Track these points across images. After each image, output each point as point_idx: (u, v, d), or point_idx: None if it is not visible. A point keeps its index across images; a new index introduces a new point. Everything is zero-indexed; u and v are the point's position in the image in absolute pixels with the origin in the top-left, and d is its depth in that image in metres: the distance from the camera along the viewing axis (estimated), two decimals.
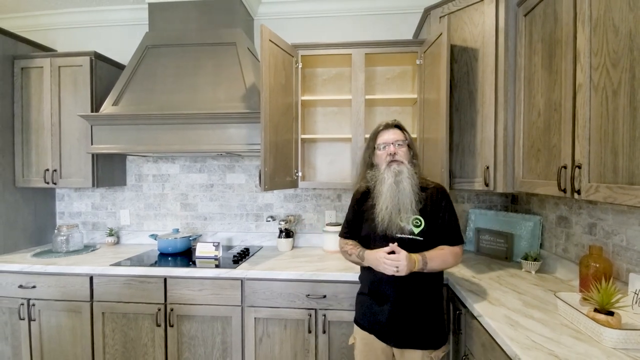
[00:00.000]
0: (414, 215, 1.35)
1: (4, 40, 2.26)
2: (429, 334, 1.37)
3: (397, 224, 1.35)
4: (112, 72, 2.43)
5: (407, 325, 1.36)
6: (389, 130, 1.45)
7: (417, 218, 1.36)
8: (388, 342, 1.40)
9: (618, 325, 1.06)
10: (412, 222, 1.36)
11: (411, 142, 1.47)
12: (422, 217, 1.37)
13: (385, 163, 1.41)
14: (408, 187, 1.35)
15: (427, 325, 1.38)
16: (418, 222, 1.36)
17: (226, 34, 2.22)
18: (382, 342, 1.41)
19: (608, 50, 1.07)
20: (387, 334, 1.39)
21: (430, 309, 1.39)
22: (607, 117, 1.08)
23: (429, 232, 1.36)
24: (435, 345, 1.38)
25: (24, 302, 2.01)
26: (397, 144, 1.42)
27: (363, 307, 1.48)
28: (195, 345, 1.93)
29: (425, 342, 1.37)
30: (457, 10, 1.85)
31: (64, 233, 2.33)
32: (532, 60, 1.54)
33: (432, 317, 1.39)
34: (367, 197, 1.48)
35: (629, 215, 1.35)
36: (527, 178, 1.58)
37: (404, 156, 1.41)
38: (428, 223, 1.37)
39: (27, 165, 2.33)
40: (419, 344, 1.36)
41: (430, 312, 1.39)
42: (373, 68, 2.37)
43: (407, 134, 1.46)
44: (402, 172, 1.37)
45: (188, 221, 2.61)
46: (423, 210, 1.37)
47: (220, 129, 2.02)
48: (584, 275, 1.41)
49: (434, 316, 1.40)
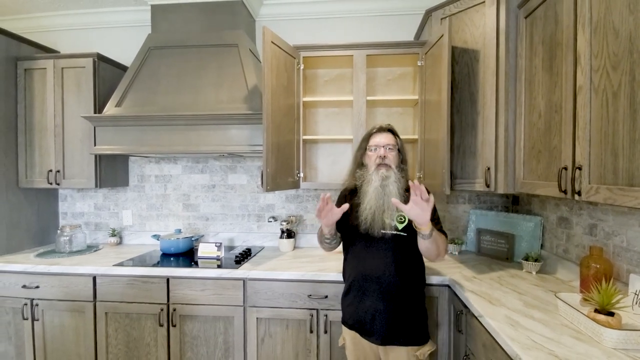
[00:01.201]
0: (397, 212, 1.39)
1: (8, 41, 2.27)
2: (410, 330, 1.40)
3: (380, 222, 1.40)
4: (115, 73, 2.44)
5: (389, 321, 1.38)
6: (382, 133, 1.50)
7: (401, 215, 1.39)
8: (371, 339, 1.41)
9: (618, 326, 1.07)
10: (397, 218, 1.40)
11: (402, 147, 1.51)
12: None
13: (374, 165, 1.45)
14: (394, 191, 1.39)
15: (409, 321, 1.40)
16: (402, 219, 1.40)
17: (228, 35, 2.23)
18: (367, 339, 1.43)
19: (608, 53, 1.08)
20: (370, 331, 1.41)
21: (411, 305, 1.42)
22: (607, 119, 1.09)
23: (412, 228, 1.37)
24: (417, 341, 1.41)
25: (27, 302, 2.02)
26: (388, 147, 1.46)
27: (348, 306, 1.50)
28: (198, 345, 1.94)
29: (407, 339, 1.39)
30: (458, 12, 1.86)
31: (67, 233, 2.35)
32: (532, 62, 1.55)
33: (414, 313, 1.42)
34: (354, 195, 1.52)
35: (629, 217, 1.35)
36: (527, 179, 1.59)
37: (392, 160, 1.45)
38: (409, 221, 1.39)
39: (31, 166, 2.35)
40: (402, 340, 1.39)
41: (412, 308, 1.42)
42: (374, 69, 2.38)
43: (398, 139, 1.51)
44: (389, 177, 1.42)
45: (190, 222, 2.62)
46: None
47: (222, 130, 2.03)
48: (584, 275, 1.41)
49: (415, 312, 1.43)
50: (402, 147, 1.51)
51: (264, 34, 1.78)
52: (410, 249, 1.43)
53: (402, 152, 1.51)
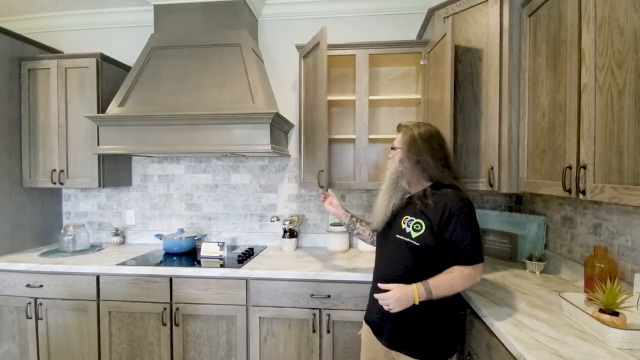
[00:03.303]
0: (416, 219, 1.31)
1: (11, 41, 2.29)
2: (421, 343, 1.29)
3: (398, 225, 1.37)
4: (118, 73, 2.45)
5: (397, 327, 1.31)
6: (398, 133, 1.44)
7: (418, 222, 1.30)
8: (381, 340, 1.37)
9: (623, 326, 1.06)
10: (413, 225, 1.32)
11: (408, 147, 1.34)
12: (424, 223, 1.29)
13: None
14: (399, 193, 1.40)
15: (420, 333, 1.29)
16: (418, 227, 1.30)
17: (231, 35, 2.24)
18: (378, 338, 1.39)
19: (613, 51, 1.07)
20: (380, 331, 1.37)
21: (424, 317, 1.29)
22: (612, 118, 1.08)
23: (427, 240, 1.26)
24: (430, 357, 1.29)
25: (31, 301, 2.03)
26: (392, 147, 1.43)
27: (368, 302, 1.49)
28: (201, 344, 1.94)
29: (416, 351, 1.28)
30: (461, 11, 1.86)
31: (71, 233, 2.36)
32: (536, 60, 1.54)
33: (427, 326, 1.29)
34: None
35: (634, 216, 1.34)
36: (531, 178, 1.59)
37: (394, 162, 1.40)
38: (427, 232, 1.27)
39: (34, 165, 2.36)
40: (409, 350, 1.29)
41: (424, 321, 1.29)
42: (377, 68, 2.38)
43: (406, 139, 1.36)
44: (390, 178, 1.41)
45: (193, 221, 2.63)
46: (424, 216, 1.30)
47: (225, 129, 2.03)
48: (588, 275, 1.41)
49: (430, 326, 1.29)
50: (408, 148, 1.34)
51: (321, 33, 1.80)
52: (427, 259, 1.28)
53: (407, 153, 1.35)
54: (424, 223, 1.29)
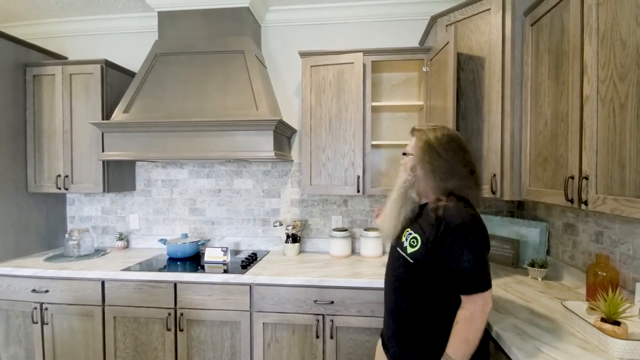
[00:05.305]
0: (414, 233, 1.18)
1: (16, 48, 2.30)
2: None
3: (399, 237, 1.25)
4: (123, 79, 2.47)
5: (399, 345, 1.21)
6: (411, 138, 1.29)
7: (415, 237, 1.17)
8: (387, 352, 1.27)
9: (625, 335, 1.08)
10: (410, 240, 1.19)
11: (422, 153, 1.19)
12: (420, 238, 1.15)
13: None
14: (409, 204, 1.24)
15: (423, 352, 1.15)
16: (414, 242, 1.17)
17: (234, 41, 2.25)
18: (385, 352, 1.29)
19: (615, 64, 1.09)
20: (386, 344, 1.29)
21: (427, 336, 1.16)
22: (614, 130, 1.09)
23: (421, 257, 1.14)
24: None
25: (37, 306, 2.05)
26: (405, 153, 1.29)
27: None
28: (205, 349, 1.96)
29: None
30: (463, 19, 1.87)
31: (76, 237, 2.37)
32: (538, 70, 1.56)
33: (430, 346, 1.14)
34: None
35: (636, 225, 1.36)
36: (533, 186, 1.60)
37: (405, 169, 1.26)
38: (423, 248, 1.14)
39: (39, 171, 2.38)
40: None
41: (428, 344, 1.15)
42: (379, 74, 2.39)
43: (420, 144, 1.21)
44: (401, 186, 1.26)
45: (196, 226, 2.64)
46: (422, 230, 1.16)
47: (228, 136, 2.04)
48: (590, 283, 1.42)
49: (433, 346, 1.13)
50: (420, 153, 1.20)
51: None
52: (422, 275, 1.15)
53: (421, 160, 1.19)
54: (420, 238, 1.15)
